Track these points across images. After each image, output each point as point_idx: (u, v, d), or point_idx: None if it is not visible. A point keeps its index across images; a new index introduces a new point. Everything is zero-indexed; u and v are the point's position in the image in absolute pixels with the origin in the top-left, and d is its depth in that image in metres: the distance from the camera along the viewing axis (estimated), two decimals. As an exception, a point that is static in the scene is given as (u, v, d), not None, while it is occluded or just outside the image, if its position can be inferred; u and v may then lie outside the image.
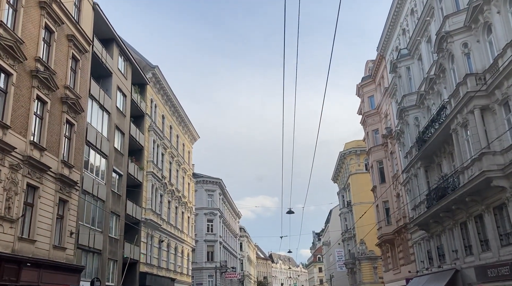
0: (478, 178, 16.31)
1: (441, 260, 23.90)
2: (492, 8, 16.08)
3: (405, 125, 26.90)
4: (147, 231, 29.75)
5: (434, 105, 23.18)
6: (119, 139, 26.40)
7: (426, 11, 22.90)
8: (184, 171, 40.98)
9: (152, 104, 33.00)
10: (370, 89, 39.77)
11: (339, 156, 55.48)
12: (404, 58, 27.19)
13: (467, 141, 17.79)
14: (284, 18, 9.63)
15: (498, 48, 15.82)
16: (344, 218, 55.75)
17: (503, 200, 16.19)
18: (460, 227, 20.97)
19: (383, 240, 36.46)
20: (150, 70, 32.70)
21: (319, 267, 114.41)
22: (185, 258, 39.46)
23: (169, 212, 35.20)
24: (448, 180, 20.43)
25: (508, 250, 16.25)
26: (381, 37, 33.46)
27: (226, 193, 62.04)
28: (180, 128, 40.96)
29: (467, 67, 17.65)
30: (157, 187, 31.83)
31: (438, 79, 21.77)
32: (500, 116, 16.12)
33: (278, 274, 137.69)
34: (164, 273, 32.44)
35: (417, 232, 27.39)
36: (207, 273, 51.81)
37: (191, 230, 43.12)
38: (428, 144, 22.05)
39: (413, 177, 26.24)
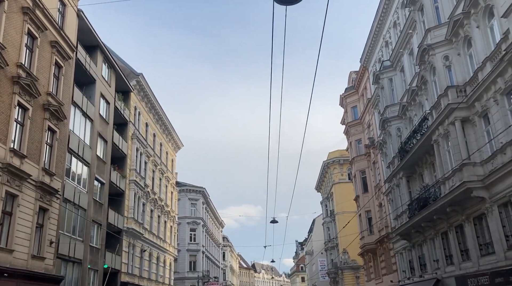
0: (458, 189, 16.59)
1: (422, 270, 24.13)
2: (471, 22, 16.50)
3: (388, 136, 27.25)
4: (129, 240, 29.35)
5: (416, 117, 23.56)
6: (101, 147, 26.09)
7: (409, 24, 23.36)
8: (167, 179, 40.66)
9: (135, 111, 32.76)
10: (353, 99, 40.25)
11: (322, 165, 55.81)
12: (386, 69, 27.64)
13: (448, 152, 18.10)
14: (272, 30, 9.72)
15: (478, 61, 16.21)
16: (327, 227, 55.94)
17: (483, 210, 16.48)
18: (441, 236, 21.24)
19: (366, 249, 36.68)
20: (134, 78, 32.50)
21: (301, 277, 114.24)
22: (167, 267, 39.00)
23: (152, 221, 34.81)
24: (429, 190, 20.72)
25: (487, 259, 16.51)
26: (364, 48, 33.97)
27: (209, 202, 61.71)
28: (163, 137, 40.71)
29: (448, 79, 18.02)
30: (140, 195, 31.49)
31: (420, 91, 22.16)
32: (480, 128, 16.47)
33: (260, 283, 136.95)
34: (145, 283, 31.99)
35: (399, 241, 27.64)
36: (189, 283, 51.27)
37: (174, 239, 42.69)
38: (410, 154, 22.36)
39: (395, 187, 26.53)
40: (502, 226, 15.46)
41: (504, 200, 15.06)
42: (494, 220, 15.82)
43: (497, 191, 15.32)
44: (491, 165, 15.54)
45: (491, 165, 15.59)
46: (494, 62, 14.89)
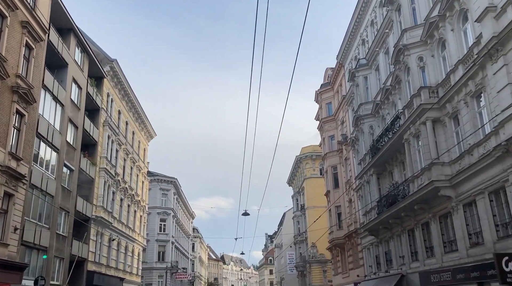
0: (427, 187, 17.02)
1: (388, 265, 24.72)
2: (446, 25, 16.86)
3: (360, 133, 27.66)
4: (97, 229, 28.87)
5: (388, 115, 23.99)
6: (72, 133, 25.48)
7: (386, 23, 23.68)
8: (138, 168, 40.13)
9: (108, 98, 32.10)
10: (329, 96, 40.63)
11: (295, 160, 56.24)
12: (362, 68, 27.99)
13: (418, 151, 18.53)
14: (255, 22, 9.69)
15: (451, 64, 16.60)
16: (297, 221, 56.53)
17: (449, 209, 16.98)
18: (407, 233, 21.78)
19: (334, 244, 37.27)
20: (108, 64, 31.80)
21: (270, 269, 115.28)
22: (135, 257, 38.61)
23: (121, 210, 34.33)
24: (398, 187, 21.19)
25: (450, 256, 17.05)
26: (341, 46, 34.28)
27: (181, 192, 61.31)
28: (136, 125, 40.10)
29: (422, 80, 18.40)
30: (110, 183, 30.97)
31: (393, 90, 22.55)
32: (449, 128, 16.92)
33: (229, 275, 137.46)
34: (113, 272, 31.59)
35: (367, 237, 28.20)
36: (158, 273, 50.93)
37: (143, 229, 42.26)
38: (381, 152, 22.77)
39: (365, 184, 27.01)
40: (466, 224, 15.98)
41: (469, 200, 15.55)
42: (458, 218, 16.33)
43: (463, 191, 15.80)
44: (459, 165, 16.01)
45: (458, 165, 16.05)
46: (466, 65, 15.28)
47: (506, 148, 12.55)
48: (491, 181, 13.99)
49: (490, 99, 13.98)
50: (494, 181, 13.84)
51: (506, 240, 13.52)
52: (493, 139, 13.68)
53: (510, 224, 13.46)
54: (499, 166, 13.42)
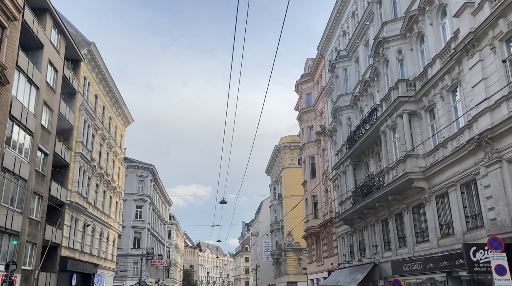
0: (401, 178, 17.37)
1: (361, 254, 25.21)
2: (426, 19, 17.08)
3: (338, 124, 27.92)
4: (72, 214, 28.48)
5: (366, 107, 24.26)
6: (47, 116, 24.91)
7: (367, 15, 23.82)
8: (115, 154, 39.61)
9: (85, 82, 31.45)
10: (308, 86, 40.79)
11: (274, 150, 56.47)
12: (342, 59, 28.14)
13: (394, 143, 18.84)
14: (237, 9, 9.60)
15: (429, 57, 16.86)
16: (274, 209, 56.97)
17: (422, 200, 17.38)
18: (381, 223, 22.23)
19: (309, 232, 37.76)
20: (85, 47, 31.09)
21: (246, 257, 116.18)
22: (110, 243, 38.30)
23: (97, 195, 33.91)
24: (374, 178, 21.55)
25: (422, 246, 17.51)
26: (322, 36, 34.35)
27: (158, 179, 60.89)
28: (113, 110, 39.47)
29: (400, 73, 18.63)
30: (85, 169, 30.50)
31: (372, 83, 22.79)
32: (425, 121, 17.24)
33: (205, 262, 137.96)
34: (87, 258, 31.29)
35: (342, 226, 28.66)
36: (133, 260, 50.70)
37: (119, 215, 41.89)
38: (358, 144, 23.06)
39: (342, 174, 27.36)
40: (438, 215, 16.41)
41: (442, 192, 15.95)
42: (431, 209, 16.75)
43: (436, 183, 16.18)
44: (433, 157, 16.36)
45: (432, 157, 16.40)
46: (443, 60, 15.55)
47: (478, 141, 12.88)
48: (463, 173, 14.37)
49: (465, 93, 14.29)
50: (466, 174, 14.22)
51: (475, 231, 13.96)
52: (466, 133, 14.01)
53: (479, 215, 13.89)
54: (472, 159, 13.78)
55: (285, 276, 50.11)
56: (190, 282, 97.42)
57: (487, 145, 12.64)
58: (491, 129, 12.31)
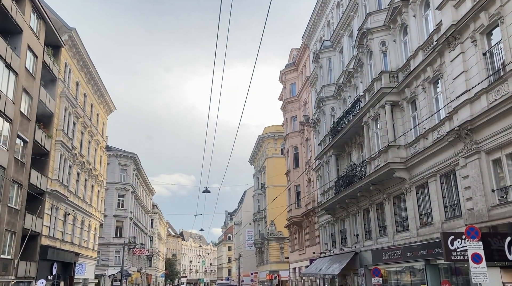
0: (382, 169, 17.59)
1: (343, 243, 25.56)
2: (409, 11, 17.19)
3: (322, 115, 28.06)
4: (52, 203, 28.11)
5: (350, 98, 24.42)
6: (26, 103, 24.40)
7: (351, 6, 23.85)
8: (96, 142, 39.12)
9: (66, 69, 30.84)
10: (293, 76, 40.81)
11: (257, 139, 56.53)
12: (326, 49, 28.18)
13: (376, 134, 19.04)
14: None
15: (411, 49, 17.01)
16: (257, 199, 57.22)
17: (402, 190, 17.65)
18: (362, 213, 22.54)
19: (292, 222, 38.08)
20: (66, 32, 30.42)
21: (228, 246, 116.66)
22: (92, 232, 37.99)
23: (78, 184, 33.51)
24: (356, 168, 21.78)
25: (401, 235, 17.83)
26: (307, 26, 34.31)
27: (140, 168, 60.45)
28: (95, 98, 38.88)
29: (383, 64, 18.78)
30: (66, 157, 30.07)
31: (356, 73, 22.91)
32: (407, 113, 17.45)
33: (187, 251, 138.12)
34: (68, 247, 30.99)
35: (324, 216, 28.96)
36: (115, 249, 50.42)
37: (100, 204, 41.52)
38: (341, 134, 23.24)
39: (324, 164, 27.57)
40: (417, 205, 16.71)
41: (422, 182, 16.22)
42: (411, 199, 17.04)
43: (416, 173, 16.45)
44: (414, 148, 16.60)
45: (413, 148, 16.64)
46: (426, 52, 15.71)
47: (458, 133, 13.10)
48: (443, 164, 14.63)
49: (446, 85, 14.48)
50: (446, 164, 14.48)
51: (453, 220, 14.27)
52: (447, 125, 14.24)
53: (457, 205, 14.18)
54: (451, 150, 14.03)
55: (268, 264, 50.55)
56: (172, 271, 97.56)
57: (466, 136, 12.87)
58: (471, 121, 12.53)
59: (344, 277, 24.90)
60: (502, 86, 11.46)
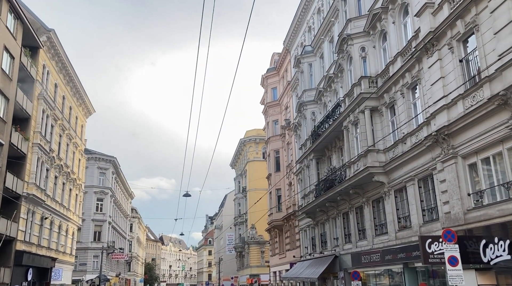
0: (362, 173, 17.79)
1: (323, 247, 25.71)
2: (389, 17, 17.48)
3: (303, 119, 28.24)
4: (29, 207, 27.49)
5: (330, 102, 24.65)
6: (2, 105, 23.84)
7: (332, 12, 24.12)
8: (75, 145, 38.48)
9: (44, 70, 30.29)
10: (274, 81, 40.98)
11: (239, 143, 56.50)
12: (307, 54, 28.42)
13: (356, 138, 19.25)
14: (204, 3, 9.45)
15: (391, 55, 17.28)
16: (238, 203, 57.11)
17: (381, 194, 17.88)
18: (342, 216, 22.72)
19: (273, 225, 38.12)
20: (44, 33, 29.89)
21: (209, 250, 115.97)
22: (69, 237, 37.28)
23: (55, 187, 32.87)
24: (336, 172, 21.97)
25: (380, 239, 18.04)
26: (288, 31, 34.54)
27: (120, 172, 59.69)
28: (74, 100, 38.28)
29: (363, 70, 19.03)
30: (44, 160, 29.48)
31: (336, 78, 23.15)
32: (386, 118, 17.70)
33: (167, 256, 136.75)
34: (44, 252, 30.33)
35: (304, 219, 29.09)
36: (93, 253, 49.60)
37: (79, 208, 40.81)
38: (321, 138, 23.42)
39: (305, 168, 27.72)
40: (396, 209, 16.94)
41: (400, 186, 16.46)
42: (390, 203, 17.26)
43: (395, 177, 16.68)
44: (392, 153, 16.85)
45: (392, 153, 16.89)
46: (404, 58, 15.99)
47: (436, 138, 13.36)
48: (421, 168, 14.88)
49: (424, 91, 14.76)
50: (424, 169, 14.73)
51: (430, 224, 14.51)
52: (425, 130, 14.50)
53: (435, 209, 14.44)
54: (429, 155, 14.29)
55: (248, 268, 50.44)
56: (152, 275, 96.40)
57: (443, 141, 13.13)
58: (448, 126, 12.79)
59: (324, 281, 25.03)
60: (478, 93, 11.74)
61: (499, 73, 10.77)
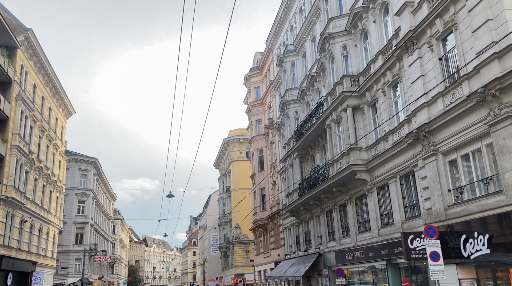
0: (345, 171, 17.91)
1: (307, 245, 25.82)
2: (369, 16, 17.63)
3: (286, 118, 28.31)
4: (8, 210, 26.92)
5: (313, 101, 24.76)
6: (-22, 106, 23.30)
7: (313, 11, 24.22)
8: (55, 147, 37.83)
9: (22, 71, 29.67)
10: (257, 80, 40.97)
11: (222, 143, 56.33)
12: (290, 53, 28.49)
13: (338, 136, 19.37)
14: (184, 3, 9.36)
15: (372, 54, 17.44)
16: (223, 203, 56.96)
17: (364, 191, 18.03)
18: (326, 214, 22.85)
19: (257, 224, 38.13)
20: (22, 33, 29.28)
21: (193, 251, 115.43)
22: (50, 240, 36.64)
23: (35, 190, 32.25)
24: (319, 171, 22.08)
25: (363, 236, 18.19)
26: (271, 31, 34.58)
27: (101, 173, 58.93)
28: (54, 101, 37.62)
29: (345, 68, 19.15)
30: (23, 162, 28.90)
31: (318, 77, 23.27)
32: (368, 116, 17.86)
33: (151, 257, 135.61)
34: (24, 256, 29.73)
35: (289, 218, 29.17)
36: (75, 256, 48.86)
37: (60, 210, 40.14)
38: (304, 137, 23.51)
39: (289, 167, 27.80)
40: (379, 206, 17.11)
41: (382, 183, 16.63)
42: (372, 200, 17.43)
43: (377, 175, 16.84)
44: (375, 150, 17.00)
45: (374, 150, 17.04)
46: (385, 56, 16.15)
47: (416, 135, 13.52)
48: (403, 165, 15.05)
49: (405, 89, 14.93)
50: (405, 166, 14.91)
51: (412, 220, 14.69)
52: (406, 127, 14.67)
53: (416, 205, 14.62)
54: (410, 152, 14.46)
55: (233, 268, 50.36)
56: (135, 277, 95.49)
57: (424, 139, 13.30)
58: (428, 123, 12.96)
59: (308, 279, 25.15)
60: (457, 90, 11.93)
61: (477, 71, 10.96)
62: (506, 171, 10.23)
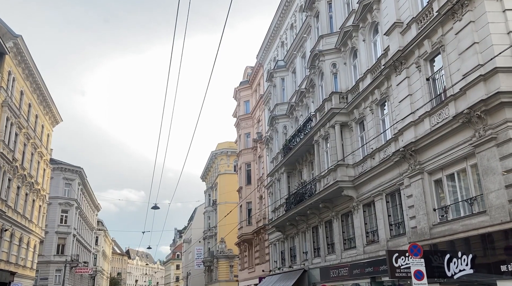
0: (332, 187, 17.94)
1: (292, 261, 25.66)
2: (359, 35, 17.89)
3: (275, 132, 28.38)
4: (-12, 218, 26.35)
5: (301, 117, 24.89)
6: (-37, 112, 22.94)
7: (304, 28, 24.51)
8: (40, 155, 37.32)
9: (10, 77, 29.37)
10: (247, 94, 41.11)
11: (210, 155, 56.09)
12: (280, 69, 28.71)
13: (326, 152, 19.45)
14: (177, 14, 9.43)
15: (361, 72, 17.65)
16: (208, 216, 56.49)
17: (350, 208, 18.06)
18: (312, 230, 22.79)
19: (243, 239, 37.83)
20: (11, 39, 29.06)
21: (177, 264, 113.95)
22: (30, 250, 35.88)
23: (18, 198, 31.67)
24: (306, 186, 22.08)
25: (349, 253, 18.16)
26: (262, 46, 34.86)
27: (86, 183, 58.16)
28: (40, 108, 37.23)
29: (334, 85, 19.33)
30: (6, 169, 28.42)
31: (307, 93, 23.44)
32: (355, 133, 17.99)
33: (133, 270, 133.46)
34: (2, 266, 29.03)
35: (274, 233, 29.02)
36: (55, 267, 47.84)
37: (42, 220, 39.41)
38: (292, 152, 23.55)
39: (276, 181, 27.76)
40: (364, 223, 17.12)
41: (369, 200, 16.68)
42: (358, 217, 17.44)
43: (364, 192, 16.90)
44: (361, 167, 17.09)
45: (361, 167, 17.13)
46: (374, 75, 16.35)
47: (403, 153, 13.64)
48: (389, 183, 15.14)
49: (392, 108, 15.10)
50: (392, 184, 14.99)
51: (397, 238, 14.72)
52: (393, 145, 14.79)
53: (402, 224, 14.67)
54: (397, 170, 14.56)
55: (216, 283, 49.72)
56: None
57: (410, 157, 13.41)
58: (415, 142, 13.09)
59: (292, 295, 24.91)
60: (444, 110, 12.09)
61: (463, 92, 11.13)
62: (490, 192, 10.34)
